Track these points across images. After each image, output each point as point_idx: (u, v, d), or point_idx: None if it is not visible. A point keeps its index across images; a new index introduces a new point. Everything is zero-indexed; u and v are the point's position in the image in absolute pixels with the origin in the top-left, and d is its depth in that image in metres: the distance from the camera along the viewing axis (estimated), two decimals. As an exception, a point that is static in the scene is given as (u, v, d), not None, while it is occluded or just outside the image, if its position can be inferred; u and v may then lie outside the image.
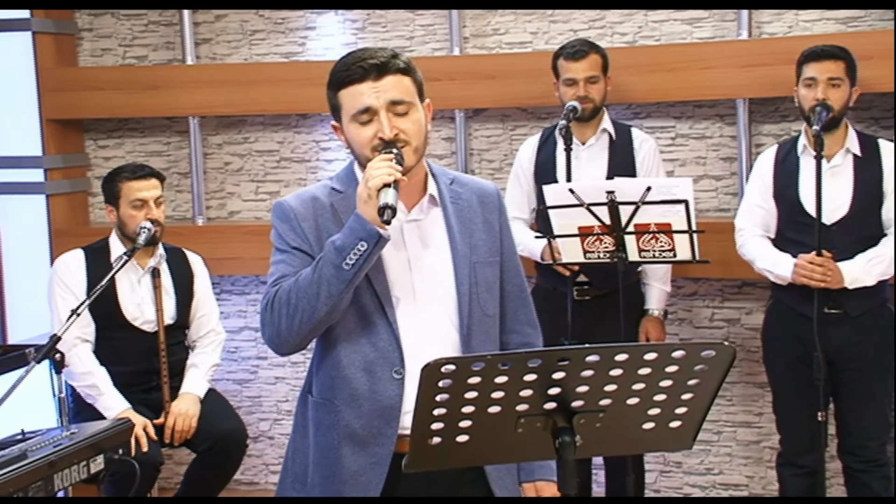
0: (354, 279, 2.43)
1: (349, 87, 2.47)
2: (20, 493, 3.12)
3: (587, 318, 4.19)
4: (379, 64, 2.45)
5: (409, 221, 2.58)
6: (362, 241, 2.40)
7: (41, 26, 5.13)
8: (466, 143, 5.00)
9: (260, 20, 5.21)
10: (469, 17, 5.00)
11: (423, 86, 2.56)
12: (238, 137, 5.28)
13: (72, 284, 4.14)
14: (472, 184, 2.69)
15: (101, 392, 4.10)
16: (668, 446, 2.25)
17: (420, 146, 2.51)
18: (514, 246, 2.73)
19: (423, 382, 2.01)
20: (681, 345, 2.05)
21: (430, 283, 2.56)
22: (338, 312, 2.48)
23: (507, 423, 2.11)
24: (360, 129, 2.48)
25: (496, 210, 2.68)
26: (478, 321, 2.58)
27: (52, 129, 5.20)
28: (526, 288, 2.74)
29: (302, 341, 2.52)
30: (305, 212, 2.55)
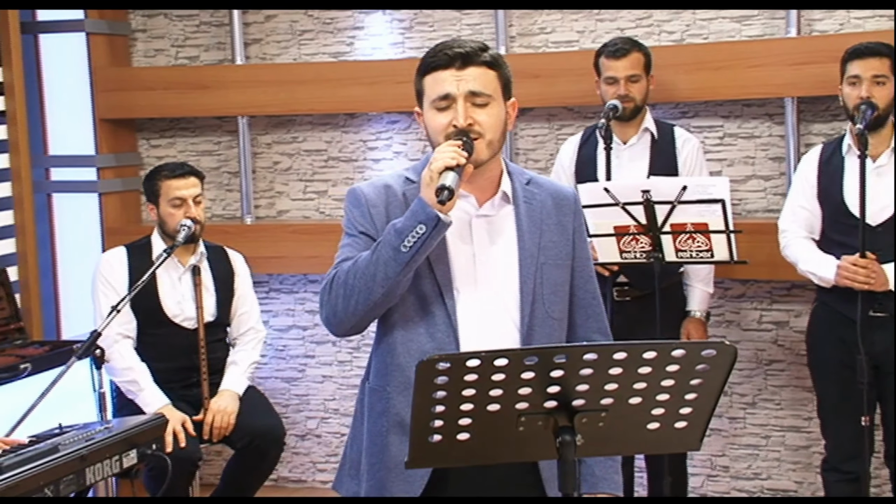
0: (412, 262, 2.42)
1: (433, 73, 2.49)
2: (51, 486, 3.15)
3: (627, 319, 4.14)
4: (464, 53, 2.47)
5: (479, 216, 2.57)
6: (421, 224, 2.40)
7: (95, 27, 5.22)
8: (512, 143, 4.98)
9: (309, 20, 5.24)
10: (516, 16, 4.99)
11: (511, 83, 2.57)
12: (287, 137, 5.32)
13: (114, 281, 4.21)
14: (549, 186, 2.67)
15: (142, 388, 4.15)
16: (675, 447, 2.23)
17: (495, 141, 2.51)
18: (588, 252, 2.69)
19: (419, 379, 2.01)
20: (680, 344, 2.03)
21: (493, 278, 2.54)
22: (394, 296, 2.47)
23: (507, 421, 2.10)
24: (437, 115, 2.49)
25: (571, 213, 2.64)
26: (540, 322, 2.55)
27: (105, 128, 5.28)
28: (599, 296, 2.69)
29: (358, 323, 2.52)
30: (377, 198, 2.56)
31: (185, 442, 4.06)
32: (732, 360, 2.05)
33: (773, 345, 4.79)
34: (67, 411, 3.83)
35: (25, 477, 3.08)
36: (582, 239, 2.66)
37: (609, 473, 2.64)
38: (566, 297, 2.62)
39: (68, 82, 5.26)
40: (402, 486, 2.51)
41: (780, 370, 4.79)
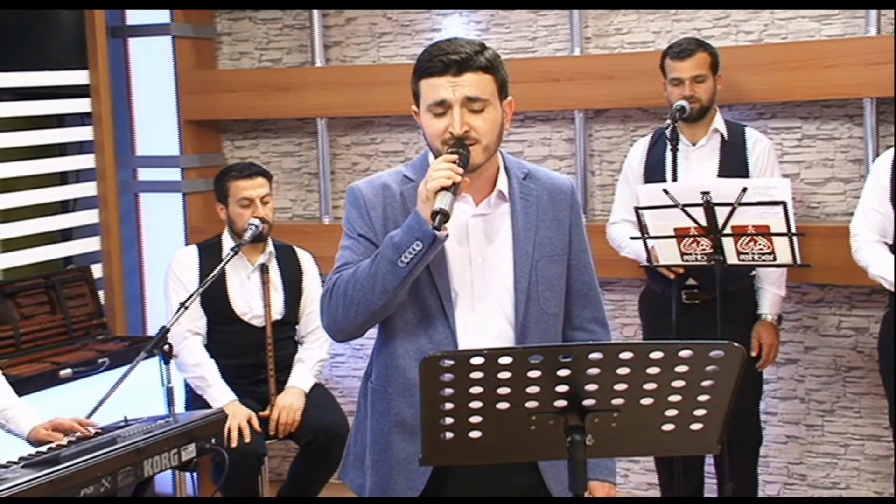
0: (409, 276, 2.46)
1: (429, 78, 2.50)
2: (108, 476, 3.23)
3: (696, 323, 4.09)
4: (460, 60, 2.47)
5: (476, 216, 2.59)
6: (418, 241, 2.42)
7: (180, 31, 5.35)
8: (586, 144, 4.95)
9: (388, 23, 5.29)
10: (591, 17, 4.96)
11: (507, 83, 2.57)
12: (365, 138, 5.38)
13: (185, 279, 4.31)
14: (546, 179, 2.67)
15: (209, 384, 4.24)
16: (692, 449, 2.21)
17: (491, 144, 2.52)
18: (586, 243, 2.70)
19: (423, 376, 2.03)
20: (687, 344, 2.00)
21: (489, 279, 2.57)
22: (393, 306, 2.51)
23: (518, 420, 2.10)
24: (434, 120, 2.50)
25: (567, 207, 2.66)
26: (535, 319, 2.58)
27: (189, 129, 5.41)
28: (596, 286, 2.72)
29: (357, 330, 2.56)
30: (375, 199, 2.59)
31: (251, 438, 4.13)
32: (741, 360, 2.03)
33: (853, 351, 4.67)
34: (141, 405, 3.93)
35: (83, 467, 3.17)
36: (578, 231, 2.68)
37: (602, 461, 2.65)
38: (562, 292, 2.65)
39: (155, 85, 5.40)
40: (404, 482, 2.56)
41: (859, 377, 4.67)
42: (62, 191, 5.25)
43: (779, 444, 4.81)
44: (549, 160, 5.06)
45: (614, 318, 4.99)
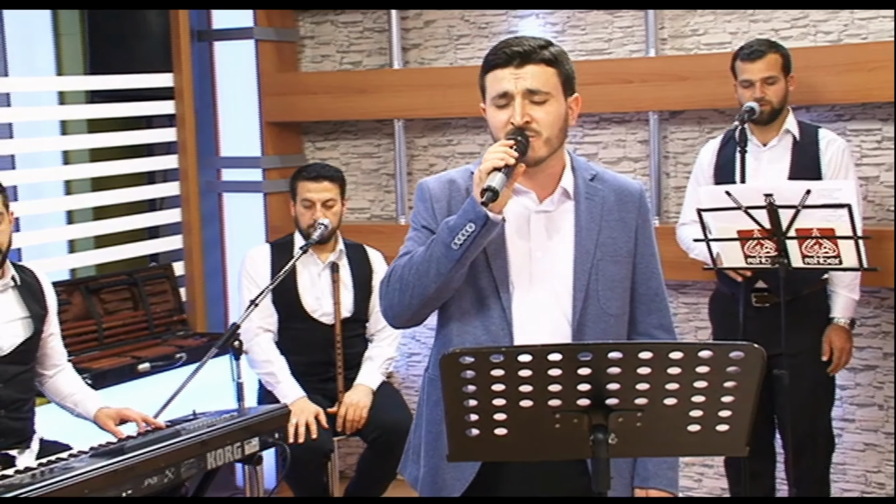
0: (463, 259, 2.47)
1: (493, 70, 2.54)
2: (172, 468, 3.33)
3: (765, 326, 4.04)
4: (522, 52, 2.51)
5: (539, 212, 2.61)
6: (471, 223, 2.44)
7: (263, 34, 5.46)
8: (661, 146, 4.93)
9: (465, 25, 5.33)
10: (668, 18, 4.93)
11: (573, 79, 2.59)
12: (442, 140, 5.43)
13: (256, 276, 4.40)
14: (615, 181, 2.68)
15: (279, 380, 4.33)
16: (719, 450, 2.21)
17: (553, 138, 2.54)
18: (654, 248, 2.70)
19: (444, 372, 2.06)
20: (707, 344, 2.00)
21: (548, 274, 2.58)
22: (448, 291, 2.54)
23: (543, 418, 2.12)
24: (497, 112, 2.54)
25: (635, 209, 2.66)
26: (594, 318, 2.58)
27: (271, 131, 5.52)
28: (663, 292, 2.70)
29: (413, 316, 2.59)
30: (440, 193, 2.63)
31: (318, 434, 4.21)
32: (762, 362, 2.02)
33: (933, 358, 4.57)
34: (214, 400, 4.03)
35: (147, 458, 3.27)
36: (645, 234, 2.66)
37: (662, 470, 2.65)
38: (625, 294, 2.64)
39: (238, 87, 5.52)
40: (453, 473, 2.58)
41: (939, 385, 4.57)
42: (148, 190, 5.41)
43: (856, 451, 4.73)
44: (624, 162, 5.04)
45: (688, 321, 4.96)
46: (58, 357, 3.92)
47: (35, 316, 3.76)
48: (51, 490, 3.02)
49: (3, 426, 3.65)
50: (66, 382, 3.92)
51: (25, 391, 3.74)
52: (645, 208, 2.68)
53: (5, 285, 3.71)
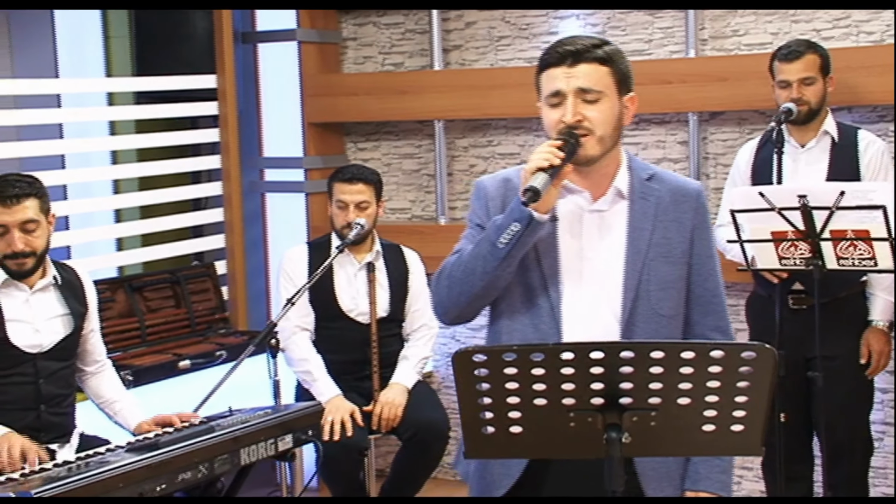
0: (508, 258, 2.48)
1: (547, 69, 2.55)
2: (205, 463, 3.37)
3: (803, 328, 4.02)
4: (575, 51, 2.50)
5: (592, 211, 2.60)
6: (516, 222, 2.46)
7: (306, 36, 5.52)
8: (700, 147, 4.91)
9: (506, 26, 5.35)
10: (708, 18, 4.92)
11: (629, 78, 2.58)
12: (482, 140, 5.45)
13: (294, 276, 4.45)
14: (672, 181, 2.66)
15: (315, 378, 4.37)
16: (735, 451, 2.21)
17: (606, 137, 2.53)
18: (712, 249, 2.66)
19: (456, 369, 2.08)
20: (718, 344, 2.01)
21: (599, 273, 2.57)
22: (496, 289, 2.55)
23: (557, 416, 2.13)
24: (550, 111, 2.55)
25: (691, 210, 2.62)
26: (644, 318, 2.56)
27: (313, 131, 5.57)
28: (720, 294, 2.66)
29: (462, 313, 2.61)
30: (495, 191, 2.64)
31: (353, 431, 4.24)
32: (774, 362, 2.01)
33: (977, 362, 4.51)
34: (252, 397, 4.08)
35: (181, 453, 3.32)
36: (702, 236, 2.63)
37: (713, 473, 2.61)
38: (679, 294, 2.60)
39: (282, 88, 5.58)
40: (501, 469, 2.58)
41: (984, 389, 4.51)
42: (192, 190, 5.49)
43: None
44: (664, 163, 5.03)
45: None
46: (98, 354, 3.99)
47: (75, 314, 3.83)
48: (86, 483, 3.08)
49: (44, 421, 3.73)
50: (108, 386, 3.99)
51: (66, 387, 3.81)
52: (703, 209, 2.64)
53: (46, 284, 3.78)
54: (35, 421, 3.70)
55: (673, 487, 2.62)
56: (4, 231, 3.61)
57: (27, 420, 3.67)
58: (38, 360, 3.72)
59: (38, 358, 3.72)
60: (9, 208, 3.59)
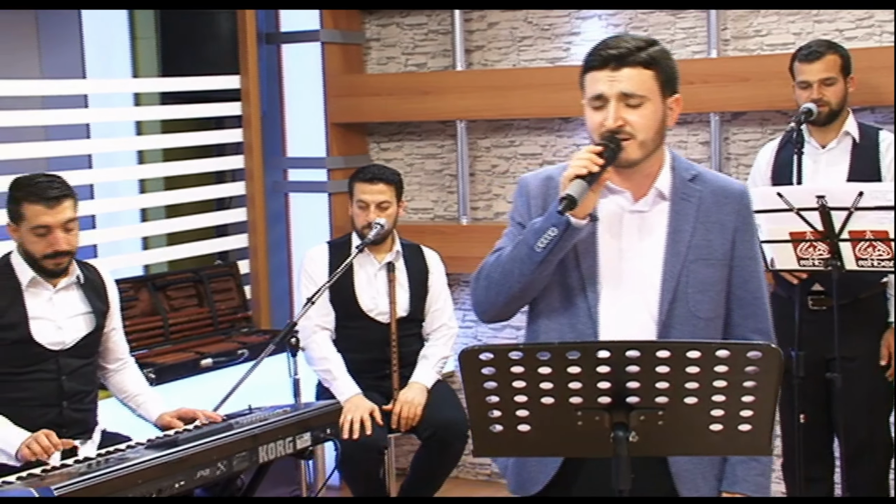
0: (545, 262, 2.49)
1: (591, 72, 2.53)
2: (224, 461, 3.39)
3: (823, 329, 4.00)
4: (618, 55, 2.49)
5: (632, 212, 2.60)
6: (553, 227, 2.46)
7: (329, 37, 5.55)
8: (722, 147, 4.90)
9: (528, 27, 5.36)
10: (731, 18, 4.91)
11: (674, 79, 2.57)
12: (504, 141, 5.46)
13: (314, 275, 4.47)
14: (715, 182, 2.64)
15: (335, 377, 4.39)
16: (743, 450, 2.21)
17: (647, 140, 2.51)
18: (755, 251, 2.64)
19: (463, 368, 2.09)
20: (724, 344, 2.02)
21: (637, 274, 2.57)
22: (533, 290, 2.56)
23: (565, 415, 2.14)
24: (593, 113, 2.54)
25: (734, 212, 2.60)
26: (682, 320, 2.54)
27: (336, 132, 5.61)
28: (763, 296, 2.64)
29: (499, 312, 2.61)
30: (538, 190, 2.64)
31: (372, 430, 4.27)
32: (779, 362, 2.01)
33: None
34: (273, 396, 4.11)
35: (199, 450, 3.35)
36: (745, 237, 2.61)
37: (751, 475, 2.60)
38: (719, 296, 2.59)
39: (305, 89, 5.62)
40: (537, 466, 2.59)
41: None
42: (216, 189, 5.53)
43: (920, 457, 4.65)
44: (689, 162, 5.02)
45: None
46: (120, 352, 4.03)
47: (97, 312, 3.87)
48: (105, 479, 3.12)
49: (67, 417, 3.77)
50: (131, 381, 4.03)
51: (87, 383, 3.86)
52: (746, 210, 2.62)
53: (70, 283, 3.83)
54: (57, 417, 3.74)
55: (709, 488, 2.61)
56: (47, 231, 3.66)
57: (50, 416, 3.71)
58: (60, 357, 3.77)
59: (60, 355, 3.77)
60: (52, 209, 3.65)
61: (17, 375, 3.70)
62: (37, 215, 3.65)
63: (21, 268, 3.74)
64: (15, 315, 3.69)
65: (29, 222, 3.66)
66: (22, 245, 3.72)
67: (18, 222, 3.69)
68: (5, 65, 5.52)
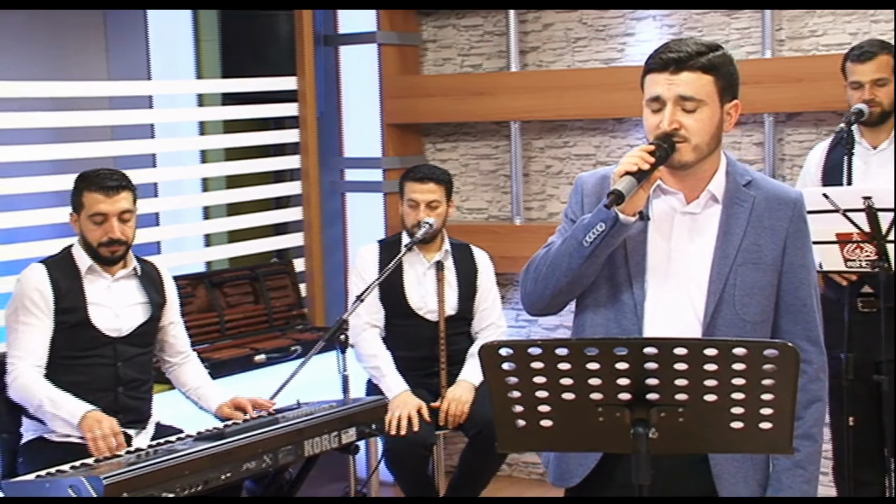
0: (593, 257, 2.51)
1: (651, 74, 2.56)
2: (269, 454, 3.48)
3: (873, 331, 3.97)
4: (678, 59, 2.50)
5: (684, 213, 2.62)
6: (601, 222, 2.48)
7: (386, 38, 5.61)
8: (776, 148, 4.88)
9: (583, 28, 5.37)
10: (786, 19, 4.88)
11: (735, 85, 2.57)
12: (558, 141, 5.48)
13: (365, 274, 4.54)
14: (770, 188, 2.65)
15: (384, 374, 4.46)
16: (764, 448, 2.23)
17: (702, 145, 2.53)
18: (807, 259, 2.64)
19: (484, 363, 2.14)
20: (741, 342, 2.03)
21: (685, 275, 2.58)
22: (581, 285, 2.60)
23: (586, 411, 2.17)
24: (650, 115, 2.56)
25: (787, 218, 2.61)
26: (728, 323, 2.55)
27: (391, 132, 5.67)
28: (812, 304, 2.64)
29: (547, 306, 2.65)
30: (593, 188, 2.68)
31: (420, 427, 4.32)
32: (796, 361, 2.02)
33: None
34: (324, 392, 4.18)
35: (246, 443, 3.43)
36: (797, 244, 2.62)
37: (797, 483, 2.59)
38: (767, 301, 2.59)
39: (362, 90, 5.69)
40: (577, 459, 2.62)
41: None
42: (273, 189, 5.63)
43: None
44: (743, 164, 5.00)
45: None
46: (181, 345, 4.15)
47: (153, 303, 4.00)
48: (153, 469, 3.21)
49: (122, 403, 3.89)
50: (193, 374, 4.15)
51: (143, 372, 3.98)
52: (800, 217, 2.63)
53: (127, 273, 3.97)
54: (113, 403, 3.86)
55: (749, 491, 2.60)
56: (103, 219, 3.82)
57: (106, 401, 3.83)
58: (117, 344, 3.90)
59: (117, 342, 3.90)
60: (109, 198, 3.81)
61: (77, 359, 3.85)
62: (94, 203, 3.82)
63: (81, 256, 3.91)
64: (74, 299, 3.85)
65: (87, 210, 3.83)
66: (81, 233, 3.88)
67: (79, 211, 3.87)
68: (75, 66, 5.68)
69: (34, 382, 3.73)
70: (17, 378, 3.76)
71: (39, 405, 3.70)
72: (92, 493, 3.07)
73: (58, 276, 3.85)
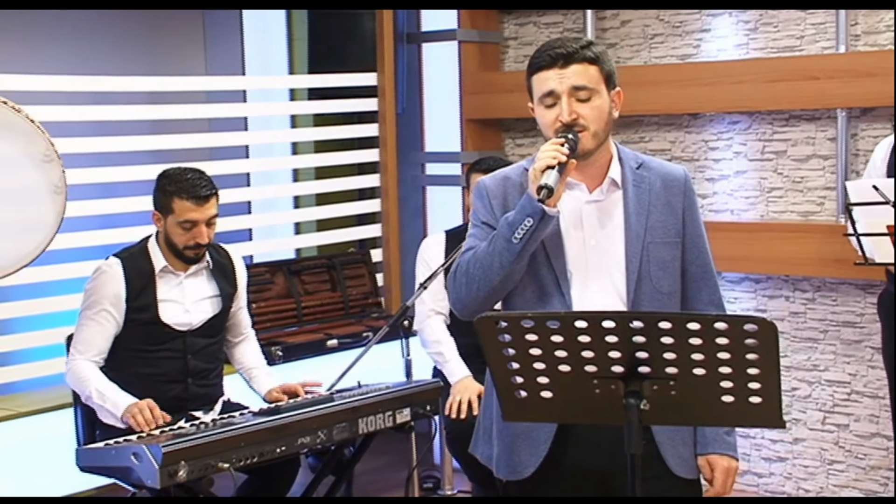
0: (523, 252, 2.64)
1: (539, 72, 2.71)
2: (324, 430, 3.61)
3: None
4: (565, 54, 2.66)
5: (590, 202, 2.75)
6: (529, 217, 2.61)
7: (466, 36, 5.74)
8: (849, 144, 4.85)
9: (660, 24, 5.41)
10: (861, 14, 4.85)
11: (614, 75, 2.74)
12: (634, 137, 5.53)
13: (430, 261, 4.64)
14: (660, 168, 2.81)
15: (447, 360, 4.55)
16: (756, 422, 2.28)
17: (599, 131, 2.69)
18: (700, 228, 2.81)
19: (481, 335, 2.24)
20: (720, 316, 2.09)
21: (603, 260, 2.72)
22: (511, 282, 2.71)
23: (583, 383, 2.25)
24: (545, 111, 2.71)
25: (680, 193, 2.78)
26: (649, 298, 2.70)
27: (470, 128, 5.78)
28: (711, 269, 2.81)
29: (479, 307, 2.74)
30: (496, 189, 2.81)
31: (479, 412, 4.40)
32: (775, 335, 2.08)
33: None
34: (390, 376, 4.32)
35: (301, 419, 3.58)
36: (692, 217, 2.78)
37: (720, 435, 2.74)
38: (676, 273, 2.76)
39: (443, 86, 5.82)
40: (527, 450, 2.72)
41: None
42: (355, 181, 5.80)
43: None
44: (813, 159, 5.00)
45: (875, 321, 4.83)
46: (243, 327, 4.31)
47: (224, 295, 4.14)
48: (211, 440, 3.38)
49: (191, 392, 4.06)
50: (249, 354, 4.29)
51: (212, 361, 4.13)
52: (690, 191, 2.79)
53: (199, 269, 4.10)
54: (183, 392, 4.03)
55: (689, 453, 2.75)
56: (192, 226, 3.94)
57: (175, 391, 4.01)
58: (187, 338, 4.05)
59: (187, 335, 4.04)
60: (201, 206, 3.94)
61: (148, 353, 4.01)
62: (186, 211, 3.93)
63: (156, 254, 4.03)
64: (146, 298, 3.99)
65: (177, 216, 3.94)
66: (165, 234, 4.00)
67: (166, 214, 3.97)
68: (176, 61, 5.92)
69: (87, 374, 3.90)
70: (72, 368, 3.94)
71: (88, 396, 3.88)
72: (152, 459, 3.24)
73: (132, 275, 3.97)
